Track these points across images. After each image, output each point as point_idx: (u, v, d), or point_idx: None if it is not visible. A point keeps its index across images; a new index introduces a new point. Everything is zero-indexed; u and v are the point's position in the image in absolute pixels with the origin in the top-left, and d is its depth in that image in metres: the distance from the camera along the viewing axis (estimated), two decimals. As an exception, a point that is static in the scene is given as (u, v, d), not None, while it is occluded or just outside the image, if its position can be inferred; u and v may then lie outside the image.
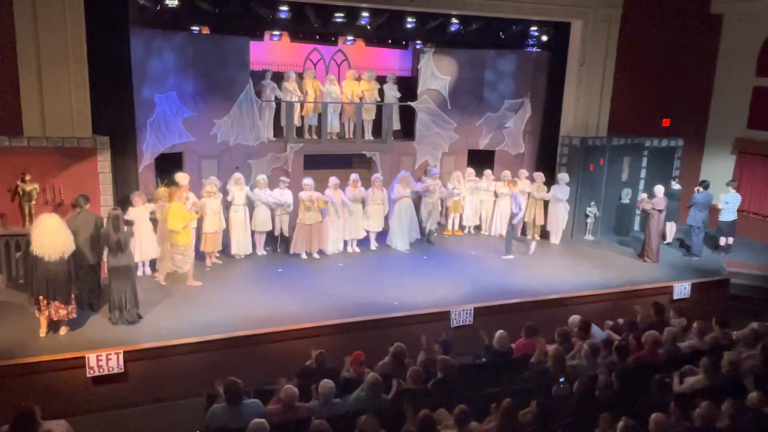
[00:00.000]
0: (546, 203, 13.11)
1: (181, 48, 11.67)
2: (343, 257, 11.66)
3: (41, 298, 7.78)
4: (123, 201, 9.95)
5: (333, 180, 11.69)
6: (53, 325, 8.02)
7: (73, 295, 7.97)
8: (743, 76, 14.01)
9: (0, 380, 7.10)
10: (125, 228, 8.36)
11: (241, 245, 11.33)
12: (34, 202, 9.29)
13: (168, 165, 11.36)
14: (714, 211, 13.09)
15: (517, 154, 14.41)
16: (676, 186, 13.32)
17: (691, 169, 14.51)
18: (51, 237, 7.66)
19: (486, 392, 6.20)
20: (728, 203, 12.64)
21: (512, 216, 12.04)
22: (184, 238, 9.63)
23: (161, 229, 10.08)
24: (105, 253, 8.50)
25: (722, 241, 12.82)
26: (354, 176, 11.91)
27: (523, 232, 13.53)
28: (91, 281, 8.80)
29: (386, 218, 12.31)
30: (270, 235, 11.77)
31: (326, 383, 5.95)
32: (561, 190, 12.80)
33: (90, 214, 8.86)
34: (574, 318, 7.94)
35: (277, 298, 9.48)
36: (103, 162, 9.69)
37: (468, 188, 13.47)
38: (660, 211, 11.88)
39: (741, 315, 9.86)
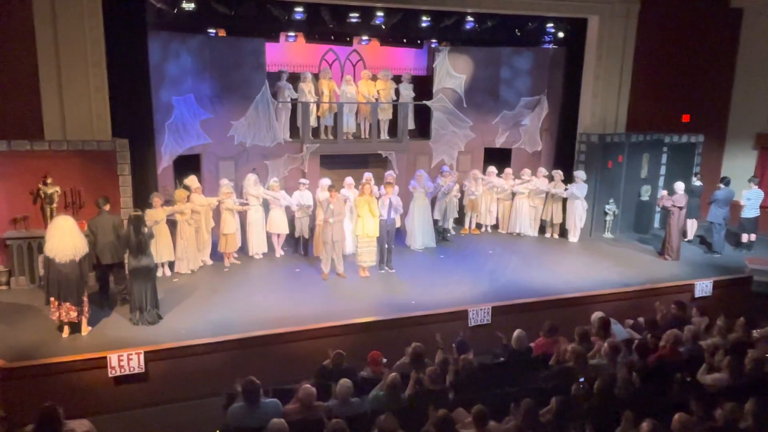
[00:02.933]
0: (564, 201, 13.03)
1: (197, 50, 11.76)
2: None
3: (53, 299, 7.89)
4: (142, 202, 10.07)
5: (348, 180, 11.73)
6: (74, 326, 8.13)
7: (85, 298, 8.02)
8: (765, 70, 13.80)
9: (23, 380, 7.22)
10: (146, 229, 8.46)
11: (258, 244, 11.41)
12: (55, 205, 9.43)
13: (186, 167, 11.46)
14: (735, 207, 12.91)
15: (534, 152, 14.34)
16: (696, 182, 13.15)
17: (711, 166, 14.32)
18: (62, 239, 7.71)
19: (505, 392, 6.18)
20: (750, 199, 12.45)
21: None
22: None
23: (182, 230, 10.20)
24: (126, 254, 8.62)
25: (744, 237, 12.63)
26: (368, 174, 11.89)
27: (542, 230, 13.51)
28: (124, 280, 8.93)
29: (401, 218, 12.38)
30: (291, 237, 11.80)
31: (344, 383, 5.95)
32: (579, 188, 12.72)
33: (110, 216, 9.00)
34: (595, 316, 7.88)
35: (295, 297, 9.52)
36: (123, 164, 9.81)
37: (484, 186, 13.46)
38: (680, 208, 11.74)
39: (764, 312, 9.70)
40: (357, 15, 12.03)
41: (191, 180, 10.81)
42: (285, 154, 12.74)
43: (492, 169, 13.53)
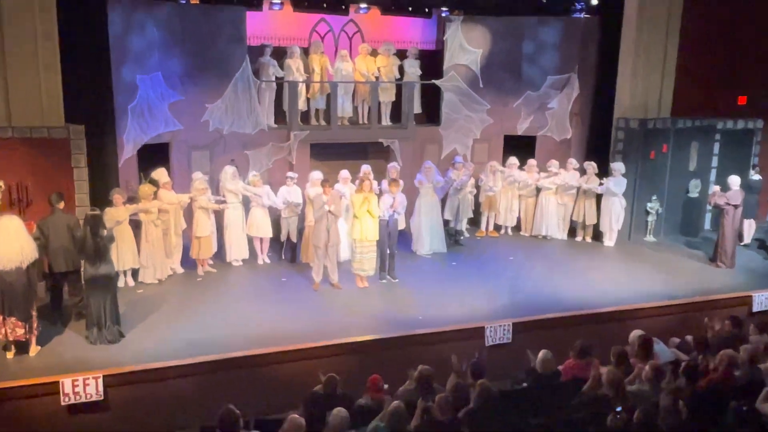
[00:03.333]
0: (598, 198, 13.06)
1: (166, 21, 11.76)
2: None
3: None
4: (101, 200, 10.04)
5: (343, 174, 11.72)
6: (21, 345, 8.12)
7: (34, 312, 8.01)
8: (836, 43, 13.80)
9: (-38, 409, 7.22)
10: (105, 232, 8.46)
11: (237, 249, 11.44)
12: (-2, 203, 9.46)
13: (152, 157, 11.46)
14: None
15: (563, 140, 14.34)
16: (755, 176, 13.16)
17: (773, 156, 14.36)
18: (7, 242, 7.68)
19: (528, 423, 6.19)
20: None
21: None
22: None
23: (147, 233, 10.24)
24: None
25: (812, 241, 12.66)
26: (364, 167, 11.88)
27: (572, 232, 13.52)
28: (81, 290, 8.93)
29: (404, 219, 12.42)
30: (276, 241, 11.83)
31: (338, 412, 5.96)
32: (616, 183, 12.73)
33: (64, 215, 8.99)
34: (634, 335, 7.89)
35: (281, 312, 9.53)
36: (78, 155, 9.81)
37: (504, 180, 13.51)
38: (735, 206, 11.73)
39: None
40: (354, -22, 12.16)
41: (159, 173, 10.82)
42: (269, 142, 12.76)
43: (513, 160, 13.53)
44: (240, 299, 10.00)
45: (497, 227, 13.84)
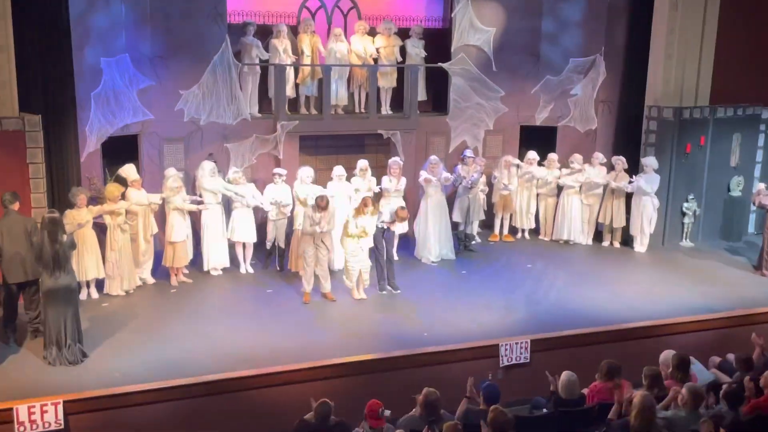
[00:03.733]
0: (628, 198, 13.10)
1: (134, -4, 11.78)
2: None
3: None
4: (60, 200, 10.06)
5: (338, 170, 11.74)
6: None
7: None
8: None
9: None
10: (65, 237, 8.44)
11: (216, 257, 11.46)
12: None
13: (119, 152, 11.47)
14: None
15: (588, 132, 14.37)
16: (806, 172, 13.24)
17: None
18: None
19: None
20: None
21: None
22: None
23: (114, 238, 10.25)
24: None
25: None
26: (361, 163, 11.86)
27: (598, 237, 13.56)
28: (38, 304, 8.92)
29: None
30: (261, 247, 11.83)
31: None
32: (648, 180, 12.77)
33: (20, 218, 8.98)
34: (669, 353, 7.90)
35: (267, 329, 9.54)
36: (34, 149, 9.80)
37: (521, 177, 13.53)
38: (784, 206, 11.80)
39: None
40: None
41: (127, 170, 10.83)
42: (252, 134, 12.77)
43: (531, 154, 13.56)
44: (219, 314, 10.00)
45: (513, 231, 13.84)
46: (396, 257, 11.87)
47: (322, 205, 10.25)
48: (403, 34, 13.94)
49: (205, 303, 10.38)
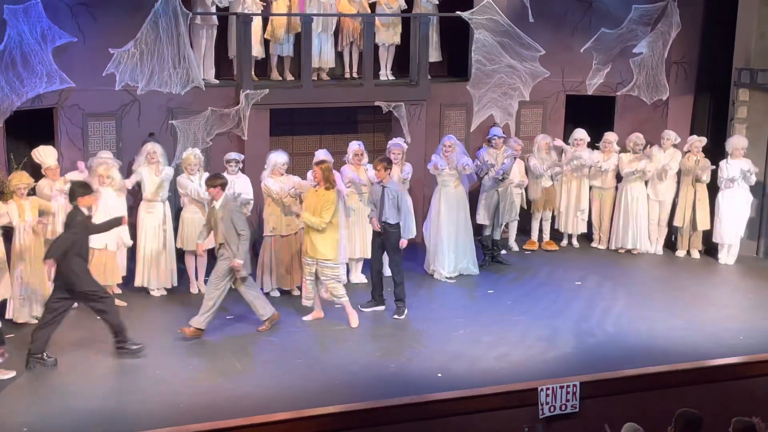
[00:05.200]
0: (711, 193, 13.15)
1: None
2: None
3: None
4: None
5: (321, 154, 11.70)
6: None
7: None
8: None
9: None
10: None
11: (159, 271, 11.51)
12: None
13: (30, 130, 11.52)
14: None
15: (657, 103, 14.36)
16: None
17: None
18: None
19: None
20: None
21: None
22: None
23: (23, 246, 10.27)
24: None
25: None
26: (355, 146, 11.95)
27: (671, 244, 13.64)
28: None
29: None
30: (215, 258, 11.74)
31: None
32: (738, 169, 12.81)
33: None
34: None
35: (224, 367, 9.59)
36: None
37: (567, 164, 13.62)
38: None
39: None
40: None
41: (43, 153, 10.88)
42: (207, 107, 12.79)
43: (580, 134, 13.62)
44: (162, 347, 10.05)
45: (557, 236, 13.93)
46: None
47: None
48: (411, -28, 14.00)
49: (143, 333, 10.32)
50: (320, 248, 10.58)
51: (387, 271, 11.67)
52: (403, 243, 11.21)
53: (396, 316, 11.13)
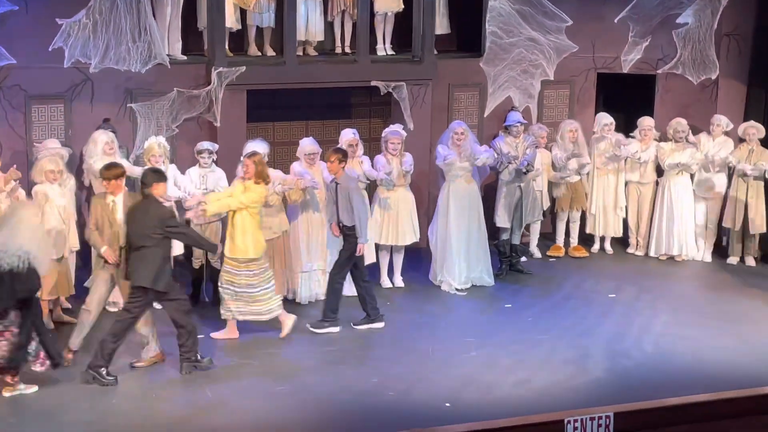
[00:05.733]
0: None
1: None
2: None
3: None
4: None
5: (306, 145, 11.70)
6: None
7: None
8: None
9: None
10: None
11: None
12: None
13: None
14: None
15: (705, 82, 14.27)
16: None
17: None
18: None
19: None
20: None
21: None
22: None
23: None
24: None
25: None
26: (349, 135, 11.86)
27: (722, 250, 13.53)
28: None
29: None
30: (184, 266, 11.86)
31: None
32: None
33: None
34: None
35: (200, 397, 9.52)
36: None
37: (600, 155, 13.52)
38: None
39: None
40: None
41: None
42: (173, 88, 12.71)
43: (605, 118, 13.60)
44: (119, 373, 9.85)
45: (587, 240, 13.86)
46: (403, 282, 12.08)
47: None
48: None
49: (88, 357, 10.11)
50: (240, 244, 10.59)
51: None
52: (361, 249, 11.13)
53: (313, 329, 11.06)
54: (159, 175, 9.99)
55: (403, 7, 13.81)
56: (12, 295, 9.19)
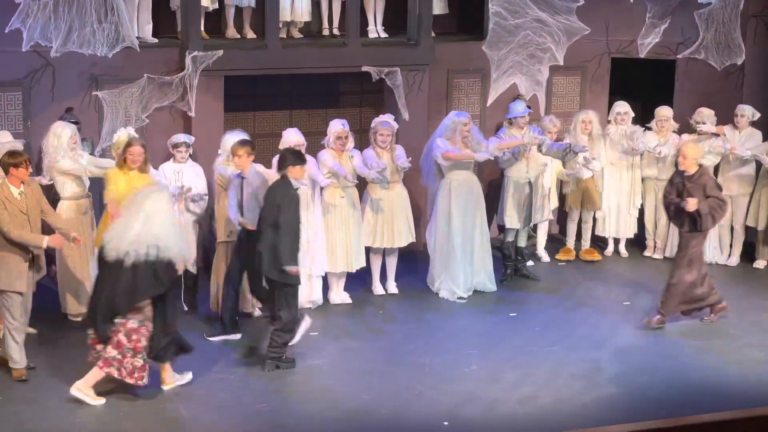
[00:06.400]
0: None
1: None
2: (319, 317, 11.75)
3: None
4: None
5: (291, 136, 11.75)
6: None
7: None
8: None
9: None
10: None
11: (79, 289, 11.43)
12: None
13: None
14: None
15: (730, 68, 14.37)
16: None
17: None
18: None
19: None
20: None
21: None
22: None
23: None
24: None
25: None
26: (338, 126, 11.96)
27: (748, 252, 13.63)
28: None
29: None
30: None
31: None
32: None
33: None
34: None
35: (173, 416, 9.62)
36: None
37: (614, 148, 13.67)
38: None
39: None
40: None
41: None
42: (143, 74, 12.81)
43: (621, 106, 13.69)
44: (74, 399, 9.81)
45: (599, 242, 14.00)
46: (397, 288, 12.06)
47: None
48: None
49: (56, 373, 10.34)
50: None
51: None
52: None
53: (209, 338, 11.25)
54: (297, 157, 10.50)
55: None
56: (151, 287, 9.57)
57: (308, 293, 11.93)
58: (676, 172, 11.46)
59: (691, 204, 11.00)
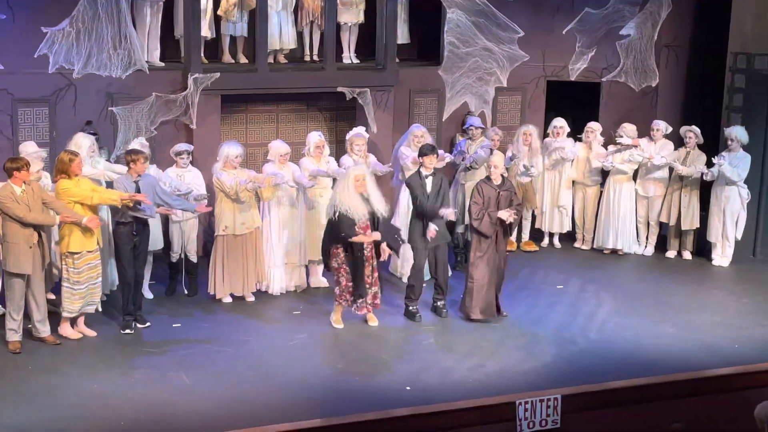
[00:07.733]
0: (704, 189, 13.21)
1: None
2: (302, 300, 11.84)
3: None
4: None
5: (277, 146, 11.73)
6: None
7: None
8: None
9: None
10: None
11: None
12: None
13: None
14: None
15: (645, 89, 14.40)
16: None
17: None
18: None
19: None
20: None
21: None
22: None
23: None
24: None
25: None
26: (316, 138, 11.88)
27: (661, 244, 13.65)
28: None
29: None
30: (162, 258, 11.86)
31: None
32: (734, 162, 12.81)
33: None
34: (764, 408, 7.88)
35: (177, 382, 9.58)
36: None
37: (550, 156, 13.67)
38: None
39: None
40: None
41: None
42: (152, 93, 12.71)
43: (559, 122, 13.67)
44: (100, 357, 10.00)
45: (537, 236, 13.98)
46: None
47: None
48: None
49: (74, 343, 10.34)
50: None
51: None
52: None
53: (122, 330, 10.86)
54: (432, 150, 11.08)
55: (362, 19, 13.86)
56: (335, 237, 10.59)
57: (297, 278, 12.01)
58: (484, 181, 11.25)
59: (506, 215, 11.06)
